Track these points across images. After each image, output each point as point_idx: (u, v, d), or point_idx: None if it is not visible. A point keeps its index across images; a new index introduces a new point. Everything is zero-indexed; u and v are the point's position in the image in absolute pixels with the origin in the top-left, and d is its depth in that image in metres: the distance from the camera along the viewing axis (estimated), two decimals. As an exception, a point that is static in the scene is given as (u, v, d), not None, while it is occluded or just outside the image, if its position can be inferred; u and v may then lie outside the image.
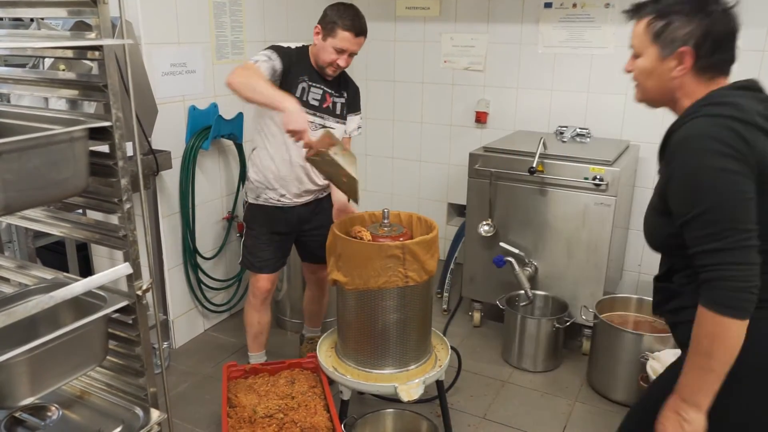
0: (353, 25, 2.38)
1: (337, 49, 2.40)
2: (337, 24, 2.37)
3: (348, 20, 2.37)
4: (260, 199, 2.60)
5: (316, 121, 2.51)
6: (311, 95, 2.49)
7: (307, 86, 2.47)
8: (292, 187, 2.56)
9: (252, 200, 2.62)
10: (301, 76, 2.46)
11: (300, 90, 2.46)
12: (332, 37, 2.39)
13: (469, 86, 3.96)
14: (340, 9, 2.40)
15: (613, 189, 2.92)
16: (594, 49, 3.53)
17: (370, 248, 2.15)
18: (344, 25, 2.37)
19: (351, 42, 2.40)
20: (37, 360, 1.34)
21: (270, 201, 2.59)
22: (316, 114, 2.51)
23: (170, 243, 3.09)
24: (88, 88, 1.42)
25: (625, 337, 2.72)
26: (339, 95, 2.57)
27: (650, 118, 3.46)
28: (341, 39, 2.38)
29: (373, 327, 2.23)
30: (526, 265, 3.17)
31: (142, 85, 2.63)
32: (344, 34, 2.38)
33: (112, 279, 1.44)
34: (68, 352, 1.42)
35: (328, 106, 2.53)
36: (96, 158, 1.42)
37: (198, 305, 3.32)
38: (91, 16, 1.33)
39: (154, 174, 2.80)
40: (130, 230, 1.47)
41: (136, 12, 2.70)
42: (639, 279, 3.69)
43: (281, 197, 2.59)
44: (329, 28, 2.39)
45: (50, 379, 1.40)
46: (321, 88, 2.50)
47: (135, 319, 1.55)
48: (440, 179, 4.24)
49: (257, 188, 2.59)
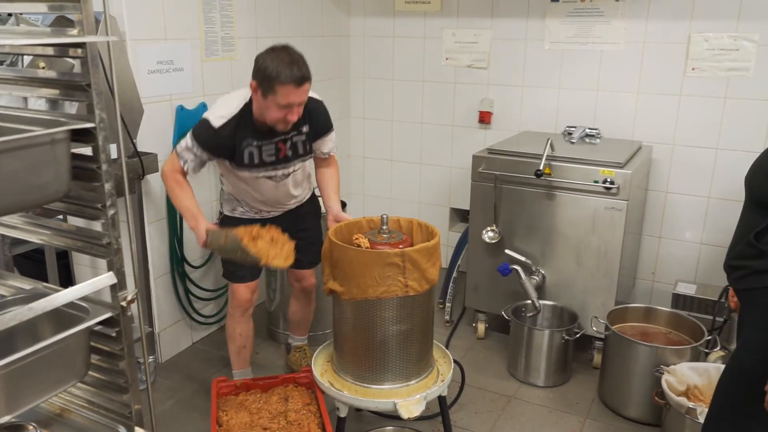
0: (292, 75, 2.21)
1: (281, 106, 2.26)
2: (273, 80, 2.21)
3: (285, 71, 2.20)
4: (236, 212, 2.62)
5: (278, 173, 2.50)
6: (264, 154, 2.44)
7: (256, 149, 2.41)
8: (264, 207, 2.61)
9: (228, 212, 2.65)
10: (245, 142, 2.39)
11: (247, 156, 2.40)
12: (272, 94, 2.24)
13: (472, 85, 3.97)
14: (273, 58, 2.23)
15: (625, 192, 2.93)
16: (604, 44, 3.54)
17: (368, 256, 2.15)
18: (282, 79, 2.20)
19: (295, 94, 2.25)
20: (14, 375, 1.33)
21: (246, 214, 2.61)
22: (276, 168, 2.49)
23: (156, 251, 3.08)
24: (70, 87, 1.43)
25: (638, 349, 2.71)
26: (298, 133, 2.49)
27: (663, 117, 3.48)
28: (283, 95, 2.23)
29: (372, 339, 2.23)
30: (532, 274, 3.17)
31: (126, 84, 2.64)
32: (285, 89, 2.22)
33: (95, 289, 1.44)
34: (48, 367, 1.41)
35: (285, 155, 2.49)
36: (78, 161, 1.43)
37: (186, 317, 3.31)
38: (73, 12, 1.33)
39: (140, 178, 2.80)
40: (114, 237, 1.47)
41: (120, 6, 2.71)
42: (653, 287, 3.69)
43: (257, 213, 2.61)
44: (266, 85, 2.24)
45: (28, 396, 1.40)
46: (271, 142, 2.44)
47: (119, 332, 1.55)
48: (442, 183, 4.24)
49: (232, 201, 2.61)
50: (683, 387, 2.53)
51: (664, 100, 3.45)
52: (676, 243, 3.58)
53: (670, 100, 3.44)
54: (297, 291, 2.92)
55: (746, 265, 1.83)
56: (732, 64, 3.26)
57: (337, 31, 4.18)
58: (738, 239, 1.90)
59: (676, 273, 3.56)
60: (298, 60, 2.25)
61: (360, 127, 4.44)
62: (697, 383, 2.55)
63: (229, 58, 3.30)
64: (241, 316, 2.69)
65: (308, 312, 3.01)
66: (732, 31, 3.22)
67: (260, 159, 2.43)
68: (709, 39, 3.28)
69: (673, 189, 3.54)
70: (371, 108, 4.36)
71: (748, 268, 1.82)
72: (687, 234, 3.54)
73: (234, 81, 3.32)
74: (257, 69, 2.27)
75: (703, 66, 3.32)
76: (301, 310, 2.98)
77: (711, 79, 3.32)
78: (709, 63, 3.30)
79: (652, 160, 3.53)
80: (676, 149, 3.48)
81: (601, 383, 2.97)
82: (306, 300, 2.95)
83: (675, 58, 3.37)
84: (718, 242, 3.42)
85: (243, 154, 2.40)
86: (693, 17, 3.29)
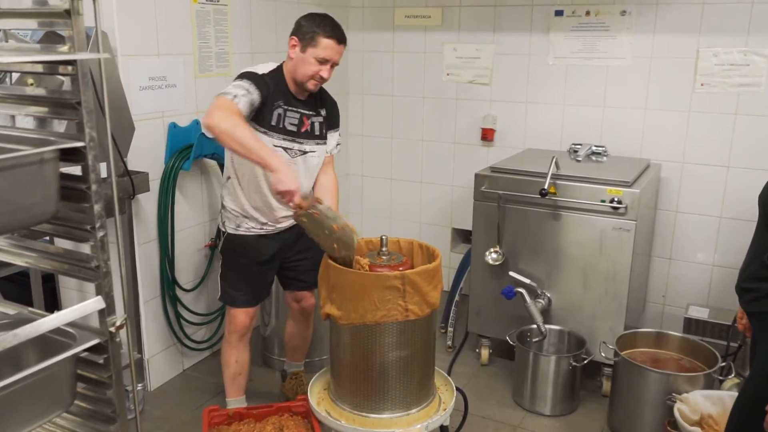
0: (335, 32, 2.44)
1: (319, 59, 2.43)
2: (317, 32, 2.42)
3: (329, 28, 2.44)
4: (241, 228, 2.61)
5: (294, 147, 2.54)
6: (288, 120, 2.51)
7: (283, 111, 2.50)
8: (271, 215, 2.60)
9: (232, 230, 2.63)
10: (277, 102, 2.49)
11: (276, 117, 2.48)
12: (313, 47, 2.43)
13: (474, 101, 4.00)
14: (316, 18, 2.46)
15: (633, 212, 2.94)
16: (610, 60, 3.57)
17: (367, 279, 2.15)
18: (326, 33, 2.42)
19: (334, 50, 2.45)
20: (-3, 405, 1.33)
21: (252, 230, 2.61)
22: (295, 140, 2.53)
23: (146, 273, 3.08)
24: (59, 105, 1.43)
25: (649, 376, 2.70)
26: (316, 114, 2.60)
27: (672, 134, 3.50)
28: (324, 48, 2.43)
29: (371, 366, 2.22)
30: (538, 297, 3.16)
31: (117, 101, 2.65)
32: (327, 42, 2.43)
33: (82, 315, 1.43)
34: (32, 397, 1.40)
35: (306, 130, 2.56)
36: (67, 181, 1.43)
37: (176, 342, 3.30)
38: (64, 28, 1.34)
39: (130, 197, 2.81)
40: (104, 260, 1.47)
41: (112, 21, 2.74)
42: (663, 311, 3.68)
43: (263, 225, 2.60)
44: (309, 37, 2.43)
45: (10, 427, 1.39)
46: (297, 111, 2.54)
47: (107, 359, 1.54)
48: (443, 202, 4.25)
49: (236, 217, 2.61)
50: (697, 416, 2.52)
51: (672, 117, 3.48)
52: (687, 264, 3.58)
53: (678, 116, 3.46)
54: (295, 312, 2.91)
55: (759, 288, 1.84)
56: (742, 79, 3.28)
57: (335, 46, 4.21)
58: (751, 260, 1.90)
59: (688, 296, 3.55)
60: (339, 25, 2.49)
61: (358, 144, 4.46)
62: (711, 412, 2.53)
63: (224, 73, 3.33)
64: (238, 341, 2.68)
65: (306, 336, 3.00)
66: (742, 46, 3.26)
67: (283, 124, 2.50)
68: (718, 54, 3.31)
69: (683, 208, 3.55)
70: (370, 125, 4.38)
71: (761, 291, 1.82)
72: (698, 255, 3.54)
73: (228, 97, 3.34)
74: (299, 26, 2.48)
75: (713, 81, 3.35)
76: (299, 333, 2.97)
77: (721, 95, 3.34)
78: (718, 78, 3.33)
79: (661, 179, 3.54)
80: (685, 167, 3.50)
81: (611, 412, 2.95)
82: (304, 322, 2.94)
83: (683, 73, 3.40)
84: (731, 264, 3.42)
85: (273, 112, 2.48)
86: (701, 31, 3.33)
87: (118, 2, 2.74)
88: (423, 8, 4.03)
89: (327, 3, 4.03)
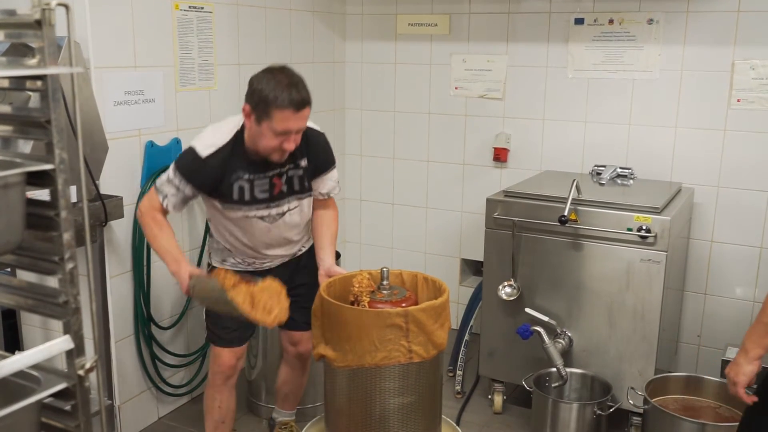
0: (291, 98, 2.25)
1: (277, 133, 2.30)
2: (269, 103, 2.25)
3: (283, 94, 2.25)
4: (227, 263, 2.63)
5: (271, 212, 2.53)
6: (257, 189, 2.47)
7: (247, 183, 2.45)
8: (257, 256, 2.63)
9: (217, 263, 2.65)
10: (235, 175, 2.42)
11: (237, 191, 2.43)
12: (268, 120, 2.28)
13: (485, 117, 4.03)
14: (269, 79, 2.28)
15: (663, 242, 2.95)
16: (635, 72, 3.61)
17: (366, 316, 2.16)
18: (279, 103, 2.25)
19: (293, 119, 2.29)
20: (-51, 459, 1.32)
21: (238, 266, 2.62)
22: (269, 206, 2.51)
23: (119, 309, 3.08)
24: (26, 123, 1.45)
25: (683, 426, 2.69)
26: (294, 167, 2.53)
27: (706, 156, 3.52)
28: (279, 120, 2.27)
29: (370, 414, 2.22)
30: (557, 337, 3.16)
31: (90, 118, 2.68)
32: (282, 114, 2.26)
33: (48, 356, 1.43)
34: (-10, 448, 1.40)
35: (281, 191, 2.52)
36: (33, 207, 1.44)
37: (151, 387, 3.29)
38: (34, 40, 1.36)
39: (102, 224, 2.82)
40: (73, 296, 1.47)
41: (85, 31, 2.77)
42: (699, 353, 3.67)
43: (250, 264, 2.63)
44: (261, 109, 2.28)
45: (-34, 482, 1.38)
46: (266, 177, 2.47)
47: (75, 406, 1.54)
48: (451, 230, 4.27)
49: (221, 251, 2.63)
50: (736, 472, 2.50)
51: (705, 136, 3.50)
52: (724, 300, 3.58)
53: (713, 135, 3.49)
54: (291, 357, 2.91)
55: None
56: (783, 94, 3.32)
57: (331, 57, 4.27)
58: None
59: (726, 336, 3.54)
60: (297, 82, 2.30)
61: (356, 165, 4.48)
62: (753, 467, 2.52)
63: (207, 87, 3.37)
64: (223, 384, 2.68)
65: (301, 383, 3.00)
66: (781, 58, 3.30)
67: (251, 195, 2.46)
68: (755, 67, 3.35)
69: (719, 238, 3.56)
70: (369, 144, 4.41)
71: None
72: (737, 290, 3.55)
73: (212, 113, 3.38)
74: (251, 91, 2.32)
75: (750, 97, 3.38)
76: (293, 380, 2.97)
77: (759, 112, 3.37)
78: (756, 94, 3.36)
79: (694, 205, 3.56)
80: (721, 192, 3.52)
81: (641, 467, 2.93)
82: (300, 368, 2.93)
83: (717, 88, 3.43)
84: (774, 300, 3.42)
85: (232, 188, 2.43)
86: (737, 42, 3.37)
87: (92, 9, 2.77)
88: (428, 15, 4.08)
89: (322, 10, 4.09)
